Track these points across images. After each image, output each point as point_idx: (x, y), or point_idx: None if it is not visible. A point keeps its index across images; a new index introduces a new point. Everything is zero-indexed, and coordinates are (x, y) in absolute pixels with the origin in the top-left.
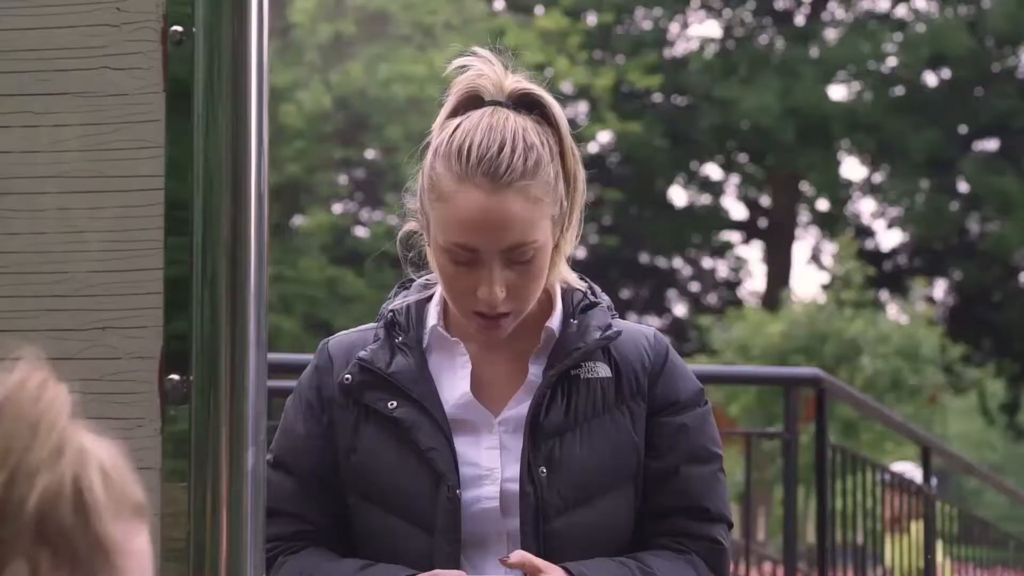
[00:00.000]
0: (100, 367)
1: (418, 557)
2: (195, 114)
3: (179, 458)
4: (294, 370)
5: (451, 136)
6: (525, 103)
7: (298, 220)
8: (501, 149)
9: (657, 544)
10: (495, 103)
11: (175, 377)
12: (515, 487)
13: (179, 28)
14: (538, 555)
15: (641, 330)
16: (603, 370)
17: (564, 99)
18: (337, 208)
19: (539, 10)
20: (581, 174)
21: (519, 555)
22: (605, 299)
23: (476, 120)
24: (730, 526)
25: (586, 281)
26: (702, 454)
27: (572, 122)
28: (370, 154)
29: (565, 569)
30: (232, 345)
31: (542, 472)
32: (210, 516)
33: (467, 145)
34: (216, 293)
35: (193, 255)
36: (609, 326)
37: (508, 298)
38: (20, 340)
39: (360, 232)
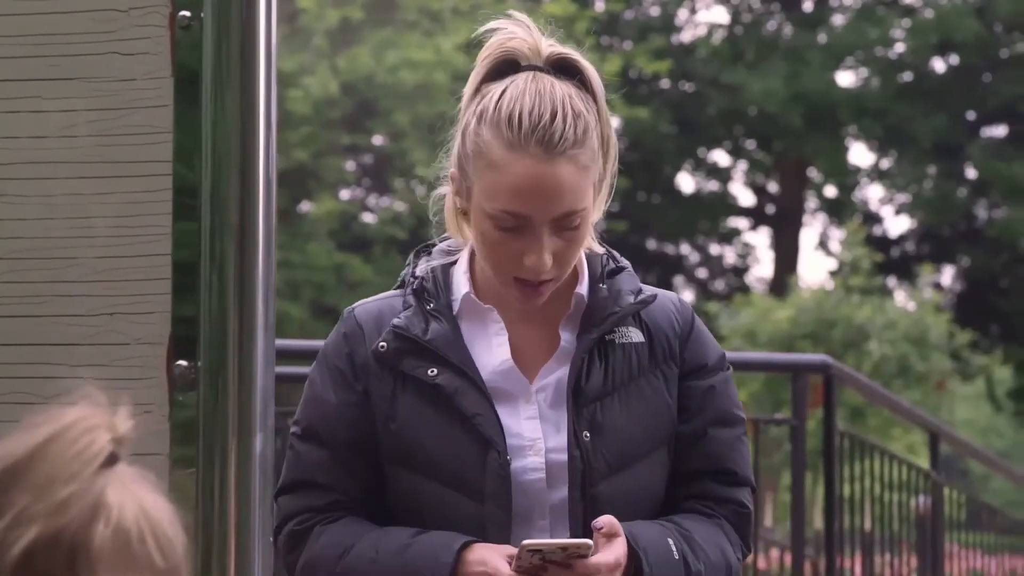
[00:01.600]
0: (108, 352)
1: (467, 525)
2: (203, 99)
3: (187, 444)
4: (301, 356)
5: (498, 102)
6: (564, 68)
7: (305, 206)
8: (554, 117)
9: (686, 507)
10: (533, 68)
11: (183, 363)
12: (559, 457)
13: (187, 13)
14: (584, 520)
15: (667, 295)
16: (636, 335)
17: None
18: (344, 194)
19: None
20: (614, 140)
21: (608, 519)
22: (627, 263)
23: (522, 86)
24: (753, 490)
25: (604, 246)
26: (729, 417)
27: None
28: (377, 140)
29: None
30: (240, 331)
31: (586, 436)
32: (218, 501)
33: (518, 112)
34: (224, 279)
35: (201, 240)
36: (640, 290)
37: (553, 265)
38: (27, 325)
39: (367, 218)
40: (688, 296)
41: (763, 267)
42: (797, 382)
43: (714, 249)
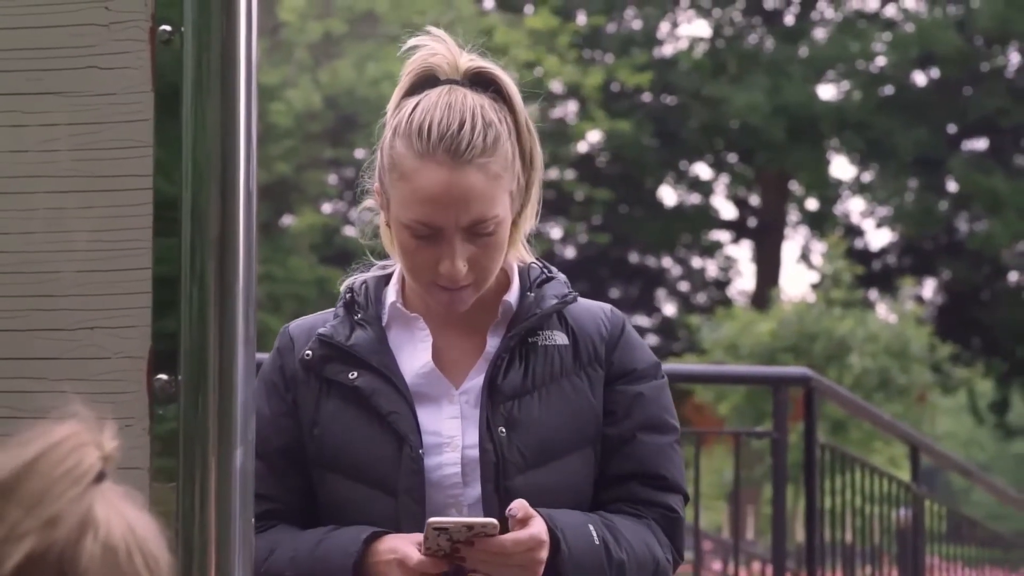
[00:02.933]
0: (88, 366)
1: (383, 521)
2: (183, 113)
3: (167, 457)
4: None
5: (410, 115)
6: (480, 81)
7: (287, 220)
8: (461, 127)
9: (612, 509)
10: (451, 82)
11: (163, 377)
12: (475, 453)
13: (168, 27)
14: (500, 513)
15: (598, 304)
16: (560, 338)
17: (554, 98)
18: (326, 208)
19: (528, 9)
20: (538, 151)
21: (521, 503)
22: (561, 276)
23: (434, 98)
24: (686, 499)
25: (540, 260)
26: (659, 424)
27: (560, 121)
28: (359, 153)
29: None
30: (220, 345)
31: (501, 432)
32: (198, 515)
33: (427, 123)
34: (204, 292)
35: (182, 254)
36: (565, 295)
37: (469, 271)
38: (7, 339)
39: (349, 232)
40: (670, 309)
41: (745, 280)
42: (778, 395)
43: (696, 262)
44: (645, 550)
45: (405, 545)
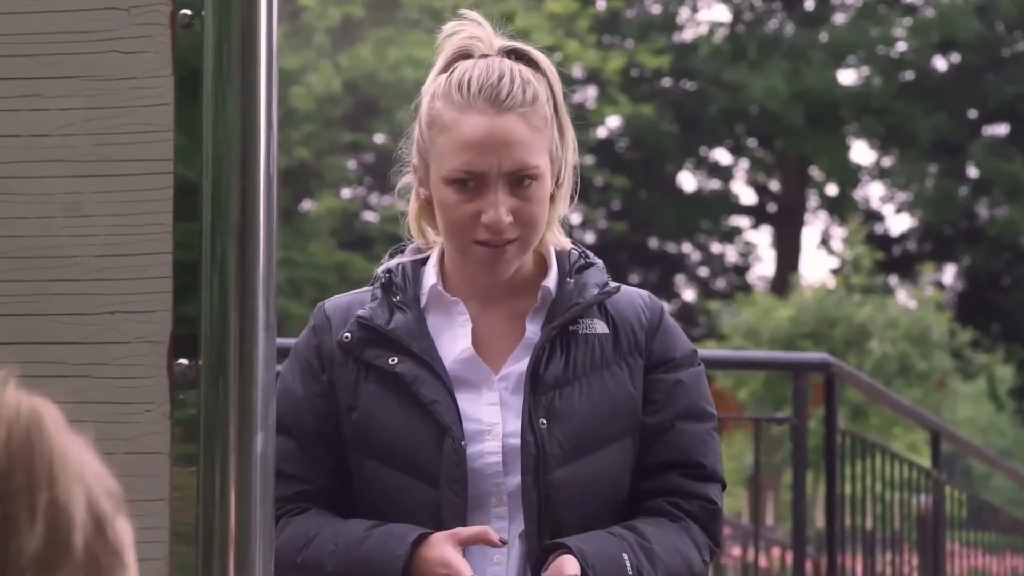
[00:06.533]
0: (109, 351)
1: (424, 511)
2: (204, 98)
3: (188, 442)
4: None
5: (448, 77)
6: (516, 56)
7: (307, 205)
8: (501, 78)
9: (651, 505)
10: (485, 56)
11: (184, 361)
12: (515, 442)
13: (188, 12)
14: (538, 505)
15: (636, 291)
16: (600, 327)
17: (574, 83)
18: (346, 193)
19: None
20: (571, 133)
21: (555, 570)
22: (599, 262)
23: (471, 63)
24: (723, 487)
25: (578, 245)
26: (698, 411)
27: (580, 107)
28: (379, 138)
29: (567, 547)
30: (241, 330)
31: (542, 423)
32: (219, 500)
33: (467, 79)
34: (225, 277)
35: (202, 240)
36: (606, 283)
37: (514, 225)
38: (27, 324)
39: (369, 217)
40: (689, 295)
41: (764, 266)
42: (798, 381)
43: (716, 248)
44: (680, 561)
45: (456, 557)
